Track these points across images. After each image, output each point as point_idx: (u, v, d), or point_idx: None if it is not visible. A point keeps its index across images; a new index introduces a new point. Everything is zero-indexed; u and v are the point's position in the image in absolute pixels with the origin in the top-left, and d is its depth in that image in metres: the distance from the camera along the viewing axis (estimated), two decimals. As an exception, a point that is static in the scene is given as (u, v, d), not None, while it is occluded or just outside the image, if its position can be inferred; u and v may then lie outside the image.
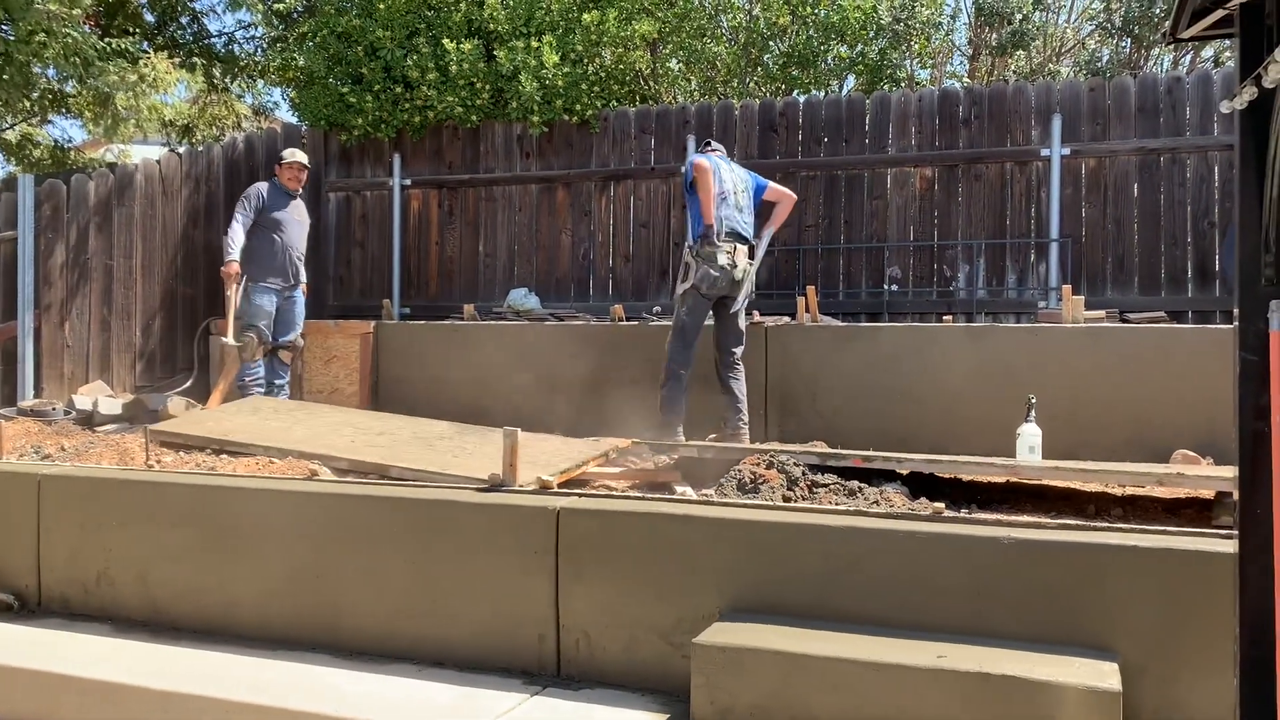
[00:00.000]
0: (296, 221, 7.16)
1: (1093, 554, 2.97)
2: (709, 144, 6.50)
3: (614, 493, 4.38)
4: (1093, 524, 3.21)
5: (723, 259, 5.88)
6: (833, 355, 6.31)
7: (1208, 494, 4.46)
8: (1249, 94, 2.27)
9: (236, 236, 6.87)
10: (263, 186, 7.13)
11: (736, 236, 6.00)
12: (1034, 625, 2.99)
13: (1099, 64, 10.25)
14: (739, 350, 6.05)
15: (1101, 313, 6.49)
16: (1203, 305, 7.11)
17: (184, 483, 4.22)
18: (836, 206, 7.92)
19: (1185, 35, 2.55)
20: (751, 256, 6.09)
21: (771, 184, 6.42)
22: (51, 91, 10.40)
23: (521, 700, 3.27)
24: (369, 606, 3.78)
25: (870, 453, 4.81)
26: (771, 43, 9.83)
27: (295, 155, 7.27)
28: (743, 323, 6.11)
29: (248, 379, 6.86)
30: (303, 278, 7.20)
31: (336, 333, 7.56)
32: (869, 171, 7.87)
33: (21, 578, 4.41)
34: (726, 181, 6.06)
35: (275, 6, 11.29)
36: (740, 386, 5.99)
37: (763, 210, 6.38)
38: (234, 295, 6.87)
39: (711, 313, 6.07)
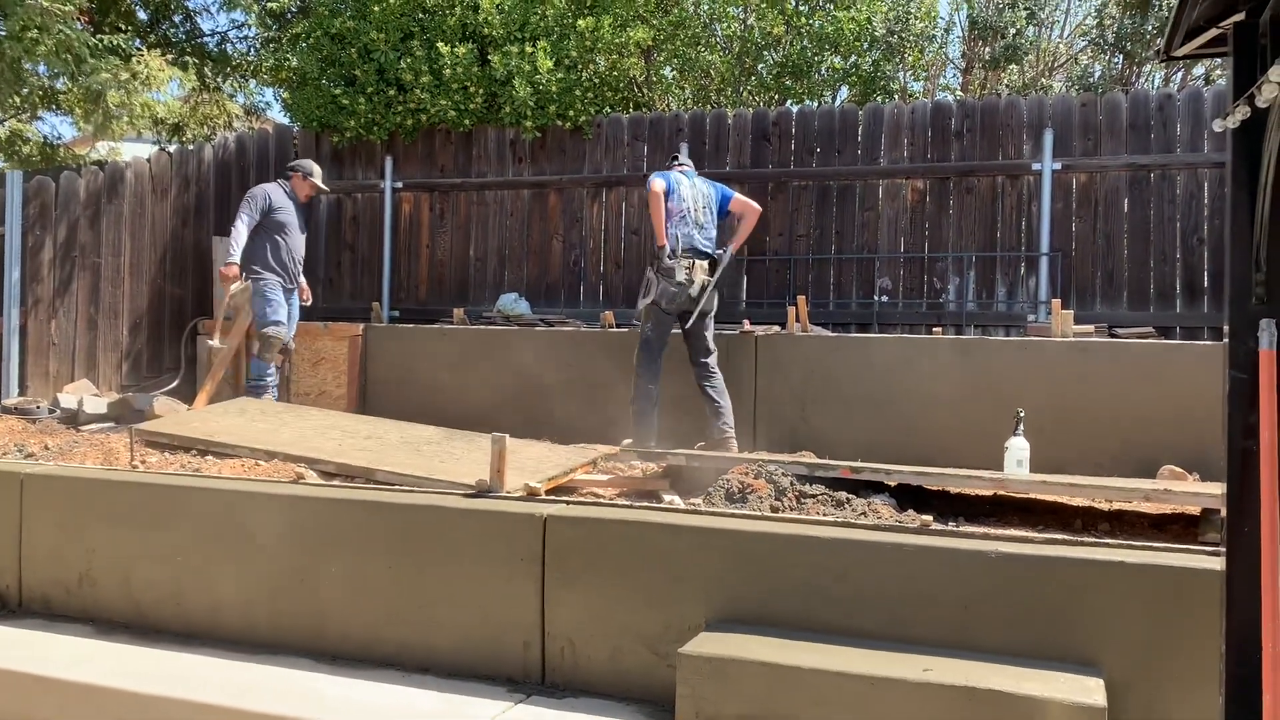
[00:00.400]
0: (300, 227, 7.15)
1: (1079, 569, 2.97)
2: (675, 158, 6.48)
3: (601, 500, 4.36)
4: (1080, 539, 3.22)
5: (680, 275, 5.90)
6: (822, 365, 6.30)
7: (1194, 510, 4.47)
8: (1242, 113, 2.28)
9: (240, 238, 6.78)
10: (269, 188, 7.06)
11: (696, 253, 6.00)
12: (1020, 639, 2.99)
13: (1091, 79, 10.32)
14: (710, 360, 6.05)
15: (1090, 327, 6.50)
16: (1190, 321, 7.15)
17: (168, 484, 4.19)
18: (828, 217, 7.94)
19: (1179, 53, 2.56)
20: (713, 272, 6.06)
21: (736, 195, 6.38)
22: (42, 88, 10.35)
23: (506, 708, 3.25)
24: (353, 612, 3.75)
25: (858, 464, 4.80)
26: (766, 52, 9.86)
27: (321, 183, 7.31)
28: (709, 334, 6.09)
29: (267, 379, 6.80)
30: (302, 281, 7.19)
31: (325, 335, 7.53)
32: (861, 182, 7.89)
33: (2, 577, 4.37)
34: (686, 199, 6.05)
35: (269, 6, 11.27)
36: (719, 393, 5.97)
37: (730, 221, 6.36)
38: (243, 297, 6.80)
39: (681, 330, 6.08)
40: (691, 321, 5.99)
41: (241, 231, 6.78)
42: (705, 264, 6.02)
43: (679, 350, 6.13)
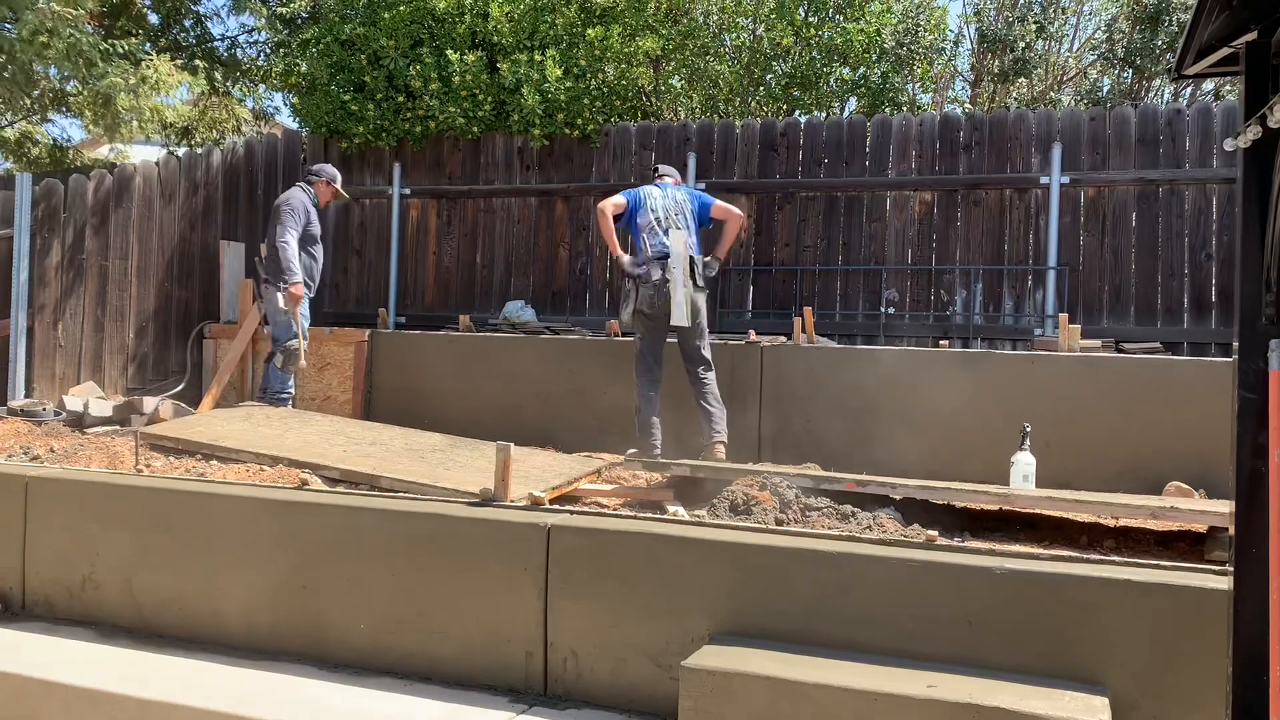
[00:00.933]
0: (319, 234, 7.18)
1: (1085, 586, 2.95)
2: (657, 170, 6.46)
3: (605, 511, 4.36)
4: (1086, 556, 3.20)
5: (656, 275, 5.89)
6: (828, 377, 6.29)
7: (1200, 528, 4.46)
8: (1253, 133, 2.27)
9: (295, 254, 6.74)
10: (303, 198, 7.02)
11: (668, 259, 5.95)
12: (1025, 656, 2.97)
13: (1100, 93, 10.31)
14: (701, 368, 6.01)
15: (1097, 342, 6.49)
16: (1198, 337, 7.13)
17: (172, 488, 4.19)
18: (835, 228, 7.93)
19: (1190, 72, 2.56)
20: (694, 275, 5.97)
21: (717, 203, 6.30)
22: (52, 90, 10.39)
23: (509, 718, 3.24)
24: (355, 619, 3.74)
25: (864, 477, 4.79)
26: (774, 63, 9.87)
27: (342, 191, 7.37)
28: (703, 345, 6.04)
29: (289, 390, 6.80)
30: None
31: (331, 340, 7.53)
32: (868, 194, 7.89)
33: (6, 580, 4.37)
34: (656, 210, 6.05)
35: (279, 11, 11.31)
36: (710, 400, 5.92)
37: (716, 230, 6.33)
38: (298, 318, 6.80)
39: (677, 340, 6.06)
40: (679, 322, 5.90)
41: (295, 247, 6.75)
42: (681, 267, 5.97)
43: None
